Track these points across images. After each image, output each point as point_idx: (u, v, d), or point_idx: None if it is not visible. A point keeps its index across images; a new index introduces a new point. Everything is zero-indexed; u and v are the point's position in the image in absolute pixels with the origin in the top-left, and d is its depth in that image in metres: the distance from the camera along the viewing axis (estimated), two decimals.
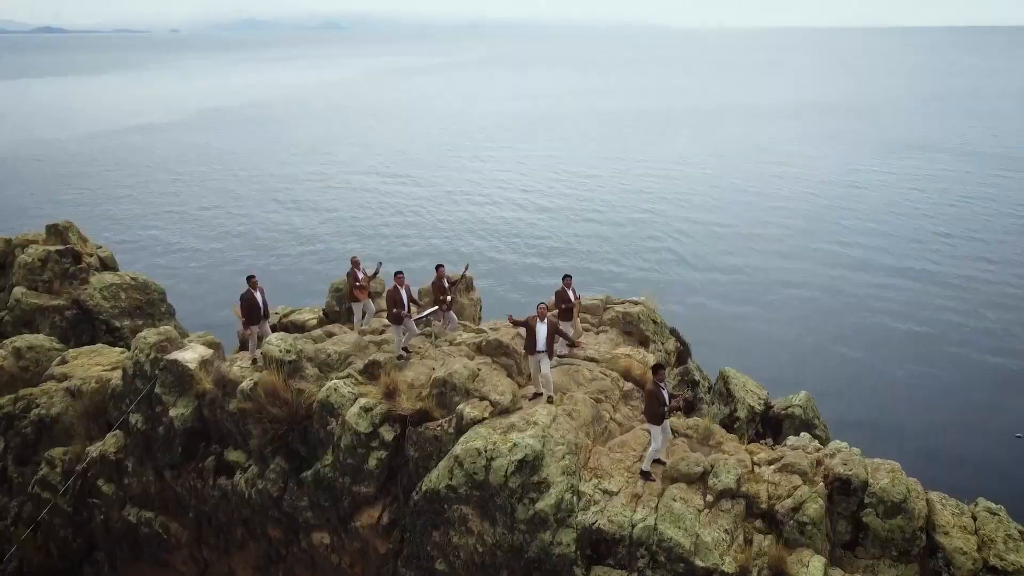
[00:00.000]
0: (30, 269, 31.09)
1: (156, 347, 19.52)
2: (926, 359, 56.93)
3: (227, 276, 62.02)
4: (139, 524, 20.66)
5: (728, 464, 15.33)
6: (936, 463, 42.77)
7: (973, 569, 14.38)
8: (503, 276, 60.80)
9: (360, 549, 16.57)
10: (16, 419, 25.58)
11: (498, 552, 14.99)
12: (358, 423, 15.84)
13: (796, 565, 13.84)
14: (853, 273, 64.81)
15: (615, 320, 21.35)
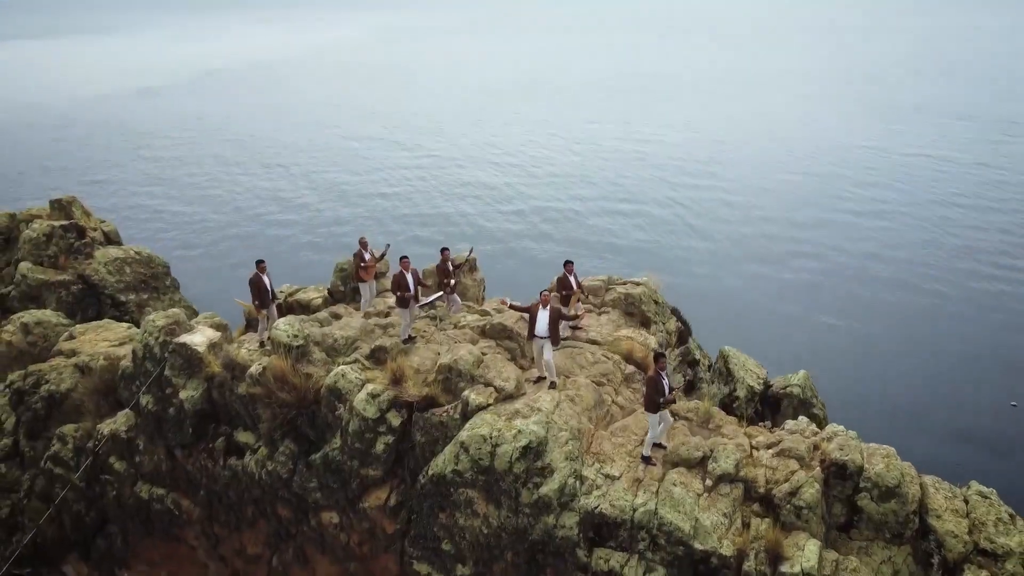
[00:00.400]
0: (35, 244, 31.26)
1: (165, 330, 19.81)
2: (926, 329, 57.38)
3: (230, 246, 62.28)
4: (151, 500, 21.16)
5: (727, 449, 15.71)
6: (933, 434, 43.49)
7: (964, 552, 14.83)
8: (502, 245, 60.89)
9: (368, 529, 17.04)
10: (26, 394, 26.01)
11: (503, 534, 15.44)
12: (366, 409, 16.20)
13: (792, 548, 14.27)
14: (855, 244, 65.01)
15: (617, 301, 21.60)
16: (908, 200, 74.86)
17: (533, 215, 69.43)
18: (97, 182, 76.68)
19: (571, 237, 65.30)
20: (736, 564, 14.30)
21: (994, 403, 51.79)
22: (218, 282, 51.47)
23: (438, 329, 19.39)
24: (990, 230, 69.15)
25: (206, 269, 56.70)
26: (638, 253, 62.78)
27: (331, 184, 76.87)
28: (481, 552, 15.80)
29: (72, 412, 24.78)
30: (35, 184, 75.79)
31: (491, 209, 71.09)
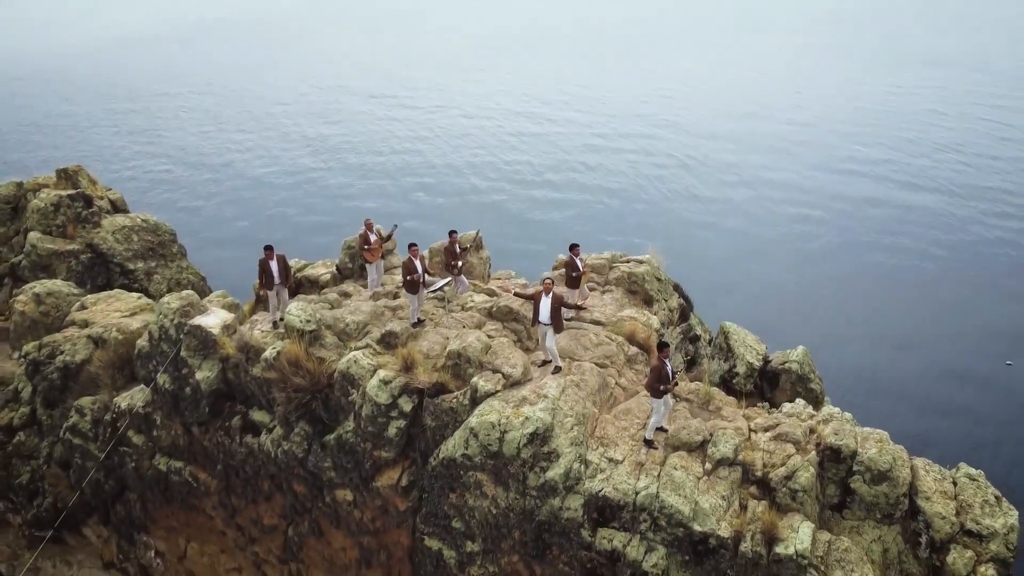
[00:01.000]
0: (43, 214, 31.57)
1: (180, 312, 20.28)
2: (924, 292, 57.90)
3: (234, 204, 62.32)
4: (169, 472, 21.93)
5: (727, 434, 16.32)
6: (929, 399, 44.36)
7: (951, 532, 15.55)
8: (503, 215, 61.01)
9: (381, 506, 17.78)
10: (42, 365, 26.63)
11: (511, 514, 16.16)
12: (378, 395, 16.77)
13: (787, 530, 14.97)
14: (858, 207, 65.07)
15: (620, 279, 22.02)
16: (914, 152, 74.71)
17: (537, 172, 69.41)
18: (87, 142, 76.27)
19: (574, 200, 65.55)
20: (733, 545, 15.01)
21: (990, 362, 52.66)
22: (219, 245, 51.88)
23: (446, 311, 19.87)
24: (991, 191, 69.21)
25: (211, 238, 57.02)
26: (641, 216, 63.05)
27: (335, 145, 76.48)
28: (490, 530, 16.54)
29: (88, 383, 25.43)
30: (32, 141, 75.53)
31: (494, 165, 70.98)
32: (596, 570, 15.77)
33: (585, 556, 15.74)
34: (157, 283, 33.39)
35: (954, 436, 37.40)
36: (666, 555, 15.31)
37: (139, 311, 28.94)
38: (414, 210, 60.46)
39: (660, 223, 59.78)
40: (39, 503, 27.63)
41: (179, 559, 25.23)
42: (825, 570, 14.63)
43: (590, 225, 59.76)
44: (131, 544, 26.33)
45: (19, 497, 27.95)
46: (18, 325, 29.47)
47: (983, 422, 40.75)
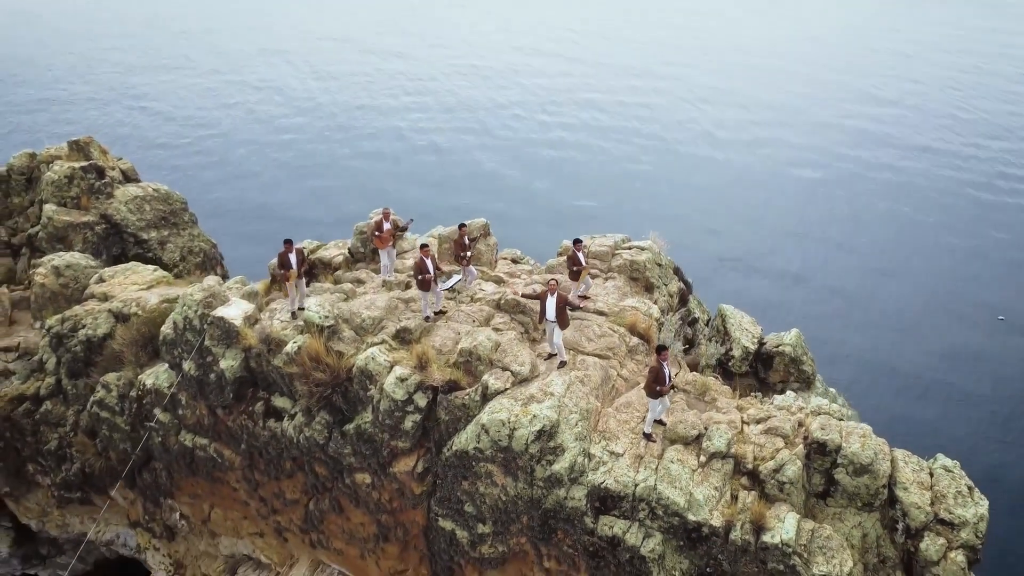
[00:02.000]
0: (58, 186, 32.22)
1: (203, 303, 21.23)
2: (919, 253, 58.90)
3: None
4: (195, 448, 23.22)
5: (720, 428, 17.49)
6: (924, 355, 45.82)
7: (925, 520, 16.86)
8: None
9: (398, 489, 19.09)
10: (65, 338, 27.72)
11: (519, 501, 17.45)
12: (395, 391, 17.88)
13: (774, 520, 16.25)
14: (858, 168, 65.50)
15: (623, 267, 22.92)
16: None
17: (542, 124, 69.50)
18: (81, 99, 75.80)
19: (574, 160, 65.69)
20: (724, 533, 16.32)
21: (984, 318, 54.09)
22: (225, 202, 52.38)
23: (456, 302, 20.84)
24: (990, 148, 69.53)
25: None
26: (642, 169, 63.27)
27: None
28: (499, 514, 17.87)
29: (112, 359, 26.55)
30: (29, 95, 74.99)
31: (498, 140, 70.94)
32: (598, 553, 17.14)
33: (588, 540, 17.09)
34: (170, 251, 34.29)
35: (953, 370, 39.44)
36: (662, 541, 16.65)
37: (156, 284, 29.95)
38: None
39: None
40: (67, 468, 29.08)
41: (203, 522, 26.79)
42: (808, 557, 15.96)
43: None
44: (156, 506, 27.87)
45: (48, 461, 29.38)
46: (38, 296, 30.49)
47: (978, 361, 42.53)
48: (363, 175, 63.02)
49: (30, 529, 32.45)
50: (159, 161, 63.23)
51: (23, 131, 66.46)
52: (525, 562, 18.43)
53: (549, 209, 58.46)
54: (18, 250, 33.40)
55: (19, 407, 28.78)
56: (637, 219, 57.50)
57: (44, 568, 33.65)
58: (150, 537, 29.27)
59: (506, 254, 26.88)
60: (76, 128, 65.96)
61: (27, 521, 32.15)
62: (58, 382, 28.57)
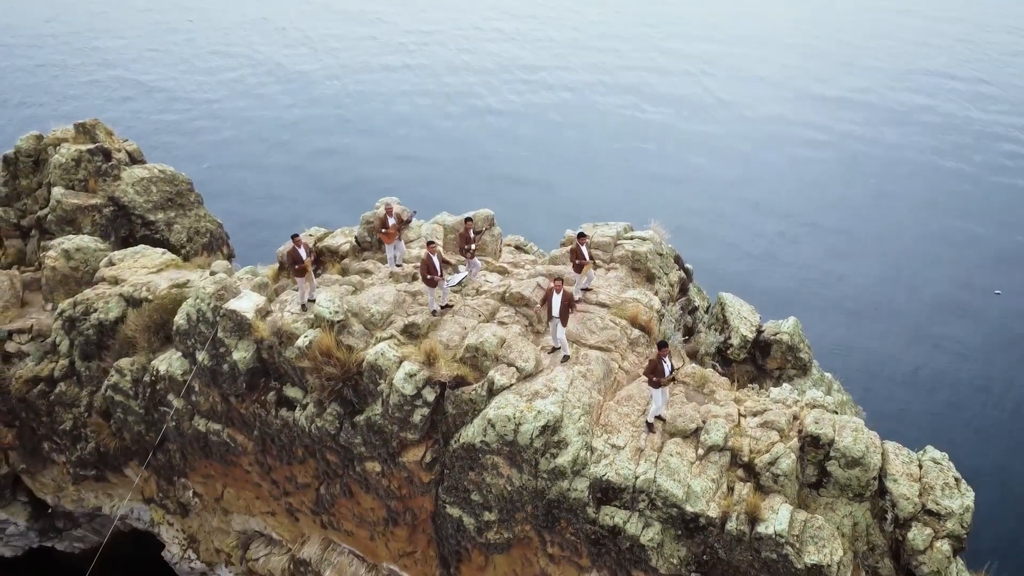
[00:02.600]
0: (65, 169, 32.54)
1: (215, 296, 21.76)
2: (915, 225, 59.20)
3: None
4: (208, 433, 23.94)
5: (718, 422, 18.14)
6: (919, 326, 46.53)
7: (913, 511, 17.58)
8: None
9: (407, 477, 19.82)
10: (77, 321, 28.32)
11: (524, 492, 18.17)
12: (404, 387, 18.49)
13: (768, 511, 16.97)
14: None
15: (624, 258, 23.40)
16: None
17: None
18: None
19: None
20: (720, 523, 17.06)
21: (980, 291, 54.80)
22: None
23: (462, 295, 21.37)
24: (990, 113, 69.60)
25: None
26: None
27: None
28: (505, 503, 18.61)
29: (124, 343, 27.16)
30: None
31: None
32: (599, 541, 17.91)
33: (590, 529, 17.85)
34: (177, 232, 34.70)
35: (948, 339, 40.28)
36: (661, 530, 17.40)
37: (165, 267, 30.46)
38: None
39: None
40: (82, 447, 29.87)
41: (215, 500, 27.66)
42: (800, 546, 16.70)
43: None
44: (170, 484, 28.74)
45: (63, 440, 30.17)
46: (49, 279, 31.01)
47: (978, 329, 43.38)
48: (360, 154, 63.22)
49: (46, 504, 33.40)
50: (162, 143, 63.35)
51: (14, 106, 66.34)
52: (529, 547, 19.24)
53: (547, 187, 58.72)
54: (28, 232, 33.81)
55: (34, 388, 29.47)
56: (640, 194, 57.76)
57: (60, 541, 34.70)
58: (164, 513, 30.19)
59: (510, 240, 27.33)
60: (71, 104, 65.90)
61: (43, 496, 33.08)
62: (71, 364, 29.21)
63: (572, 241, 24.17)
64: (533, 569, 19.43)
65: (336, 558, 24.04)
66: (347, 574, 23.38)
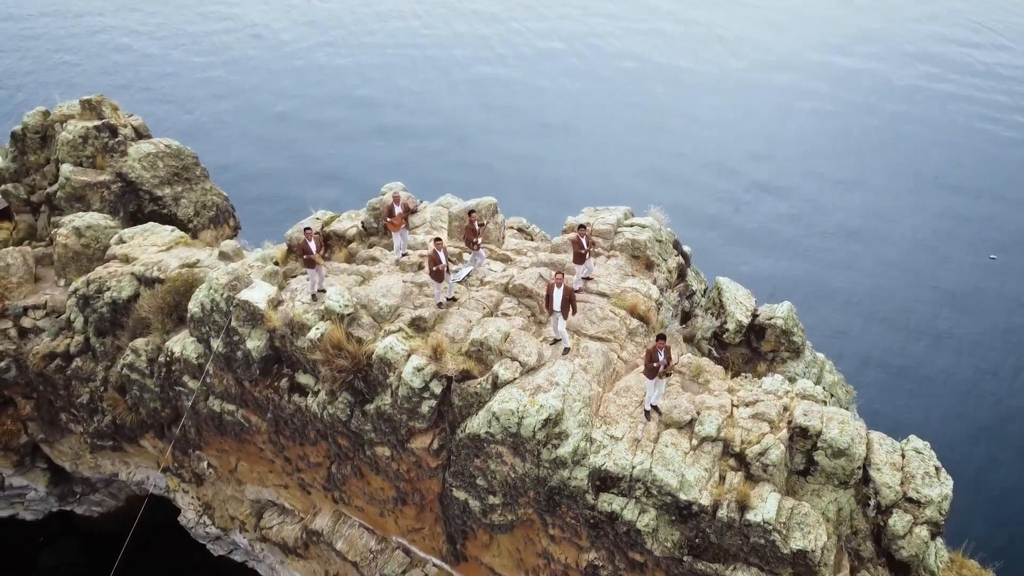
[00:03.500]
0: (73, 146, 32.94)
1: (228, 286, 22.48)
2: (911, 197, 59.56)
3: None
4: (223, 413, 24.90)
5: (711, 414, 19.05)
6: (916, 295, 47.39)
7: (895, 499, 18.60)
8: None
9: (415, 462, 20.82)
10: (91, 299, 29.12)
11: (526, 479, 19.17)
12: (412, 380, 19.35)
13: (757, 499, 17.96)
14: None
15: (624, 246, 24.04)
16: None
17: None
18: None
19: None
20: (712, 510, 18.06)
21: (975, 257, 55.54)
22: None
23: (467, 286, 22.08)
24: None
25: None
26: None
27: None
28: (508, 488, 19.64)
29: (138, 322, 27.96)
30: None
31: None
32: (598, 525, 18.99)
33: (589, 514, 18.90)
34: (184, 207, 35.26)
35: (944, 304, 41.29)
36: (656, 516, 18.44)
37: (174, 245, 31.13)
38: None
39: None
40: (99, 419, 30.94)
41: (230, 471, 28.80)
42: (787, 533, 17.73)
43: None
44: (185, 455, 29.85)
45: (80, 413, 31.23)
46: (61, 256, 31.71)
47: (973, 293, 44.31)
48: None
49: (65, 470, 34.65)
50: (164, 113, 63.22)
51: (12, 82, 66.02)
52: (532, 529, 20.34)
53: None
54: (37, 207, 34.35)
55: (51, 363, 30.41)
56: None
57: (79, 505, 36.07)
58: (179, 481, 31.40)
59: (512, 223, 27.91)
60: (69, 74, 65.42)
61: (61, 463, 34.31)
62: (86, 340, 30.07)
63: (573, 229, 24.80)
64: (535, 548, 20.57)
65: (347, 530, 25.23)
66: (358, 546, 24.58)
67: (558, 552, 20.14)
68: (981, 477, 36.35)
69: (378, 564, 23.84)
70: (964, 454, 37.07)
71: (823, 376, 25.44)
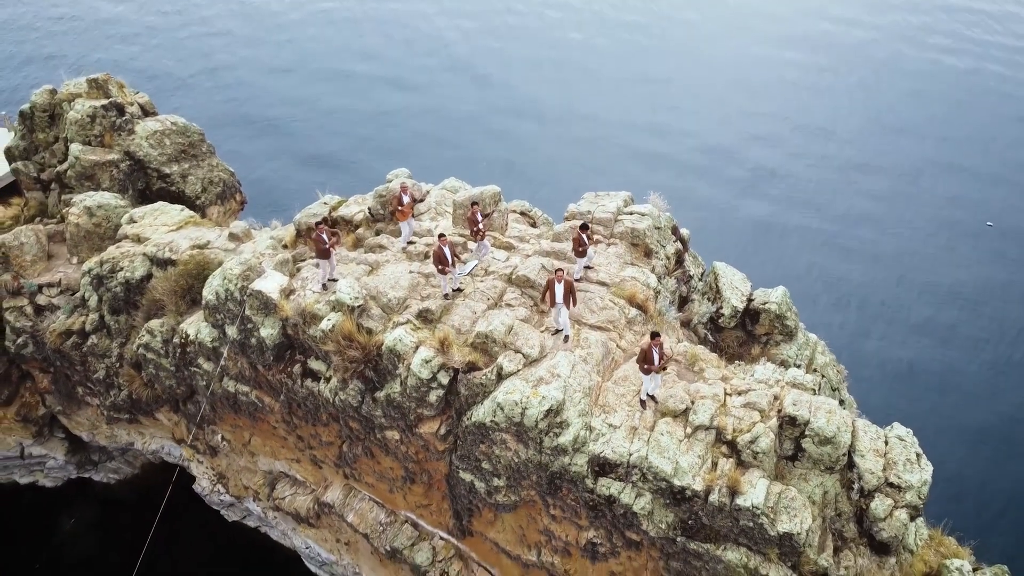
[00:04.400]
0: (81, 126, 33.43)
1: (241, 276, 23.29)
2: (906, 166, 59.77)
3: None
4: (237, 393, 25.93)
5: (705, 403, 20.03)
6: (911, 261, 48.16)
7: (877, 483, 19.69)
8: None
9: (423, 445, 21.90)
10: (105, 279, 29.95)
11: (529, 464, 20.25)
12: (421, 371, 20.30)
13: (747, 485, 19.04)
14: None
15: (624, 234, 24.78)
16: None
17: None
18: None
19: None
20: (704, 495, 19.16)
21: (972, 224, 56.14)
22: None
23: (472, 276, 22.88)
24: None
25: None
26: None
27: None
28: (512, 472, 20.74)
29: (152, 304, 28.82)
30: None
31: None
32: (597, 507, 20.12)
33: (588, 497, 20.02)
34: (192, 184, 35.85)
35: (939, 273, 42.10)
36: (652, 500, 19.56)
37: (183, 225, 31.87)
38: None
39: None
40: (115, 394, 32.00)
41: (243, 445, 29.98)
42: (774, 516, 18.86)
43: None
44: (200, 428, 31.00)
45: (97, 387, 32.30)
46: (73, 235, 32.47)
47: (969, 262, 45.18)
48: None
49: (82, 439, 35.89)
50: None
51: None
52: (534, 508, 21.50)
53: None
54: (48, 185, 34.94)
55: (67, 340, 31.38)
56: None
57: (96, 472, 37.42)
58: (194, 452, 32.60)
59: (515, 206, 28.58)
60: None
61: (79, 433, 35.54)
62: (101, 318, 30.98)
63: (574, 216, 25.52)
64: (537, 526, 21.76)
65: (357, 503, 26.46)
66: (368, 519, 25.83)
67: (559, 530, 21.32)
68: (966, 457, 37.64)
69: (387, 536, 25.09)
70: (951, 435, 38.32)
71: (815, 357, 26.39)
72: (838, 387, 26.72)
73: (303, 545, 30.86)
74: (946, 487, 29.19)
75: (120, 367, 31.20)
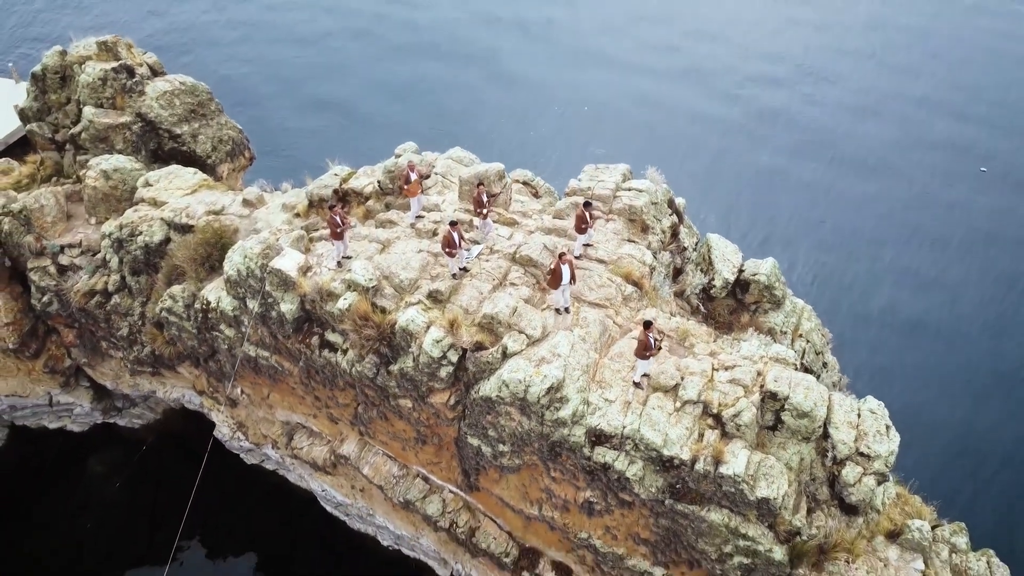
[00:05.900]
0: (93, 88, 34.14)
1: (261, 255, 24.68)
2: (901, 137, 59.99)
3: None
4: (257, 357, 27.67)
5: (693, 379, 21.76)
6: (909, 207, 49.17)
7: (849, 453, 21.61)
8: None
9: (434, 413, 23.75)
10: (125, 242, 31.36)
11: (531, 433, 22.13)
12: (432, 350, 21.95)
13: (729, 455, 20.94)
14: None
15: (623, 211, 26.04)
16: None
17: None
18: None
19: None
20: (691, 464, 21.08)
21: (966, 169, 57.18)
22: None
23: (478, 258, 24.28)
24: None
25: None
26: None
27: None
28: (516, 439, 22.65)
29: (172, 269, 30.26)
30: None
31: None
32: (593, 472, 22.11)
33: (585, 463, 21.98)
34: (202, 143, 36.76)
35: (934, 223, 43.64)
36: (643, 467, 21.50)
37: (198, 188, 33.04)
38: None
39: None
40: (139, 350, 33.79)
41: (262, 399, 31.93)
42: (753, 483, 20.83)
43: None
44: (220, 382, 32.90)
45: (120, 343, 34.06)
46: (91, 197, 33.63)
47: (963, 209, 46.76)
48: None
49: (106, 387, 37.89)
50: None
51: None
52: (536, 471, 23.51)
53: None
54: (62, 146, 35.86)
55: (91, 300, 32.98)
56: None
57: (121, 417, 39.56)
58: (214, 403, 34.60)
59: (517, 176, 29.69)
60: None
61: (103, 382, 37.52)
62: (122, 278, 32.50)
63: (575, 191, 26.73)
64: (539, 485, 23.82)
65: (372, 457, 28.54)
66: (382, 472, 27.95)
67: (559, 490, 23.38)
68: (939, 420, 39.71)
69: (401, 488, 27.25)
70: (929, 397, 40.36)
71: (801, 323, 28.00)
72: (822, 351, 28.43)
73: (319, 488, 33.14)
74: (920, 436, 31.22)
75: (143, 325, 32.87)
